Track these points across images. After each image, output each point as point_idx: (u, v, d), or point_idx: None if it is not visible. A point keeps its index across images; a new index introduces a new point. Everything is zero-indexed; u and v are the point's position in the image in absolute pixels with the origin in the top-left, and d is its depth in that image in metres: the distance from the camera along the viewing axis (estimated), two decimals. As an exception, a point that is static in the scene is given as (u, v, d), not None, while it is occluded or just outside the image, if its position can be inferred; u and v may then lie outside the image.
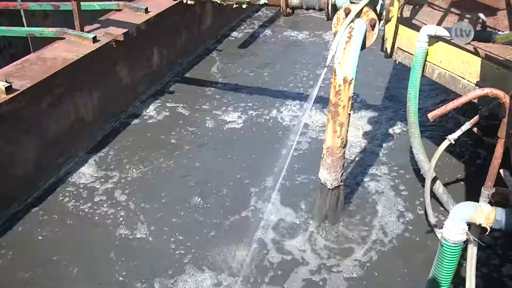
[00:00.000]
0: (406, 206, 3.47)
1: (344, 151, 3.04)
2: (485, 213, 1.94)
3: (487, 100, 2.53)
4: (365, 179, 3.74)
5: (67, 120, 3.81)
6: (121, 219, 3.34)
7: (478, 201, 2.07)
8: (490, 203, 2.04)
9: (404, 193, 3.59)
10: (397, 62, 3.55)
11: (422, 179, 3.42)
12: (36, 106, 3.47)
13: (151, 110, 4.60)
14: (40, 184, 3.59)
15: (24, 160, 3.44)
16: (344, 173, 3.17)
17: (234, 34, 6.44)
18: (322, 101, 4.31)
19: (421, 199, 3.43)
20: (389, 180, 3.72)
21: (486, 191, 2.04)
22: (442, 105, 2.07)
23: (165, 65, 5.12)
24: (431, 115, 2.02)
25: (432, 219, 3.16)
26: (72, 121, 3.85)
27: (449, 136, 2.85)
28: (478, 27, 3.06)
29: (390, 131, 4.31)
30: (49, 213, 3.38)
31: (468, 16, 3.77)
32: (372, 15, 2.90)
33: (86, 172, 3.77)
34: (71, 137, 3.84)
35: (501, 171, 2.16)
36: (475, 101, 2.60)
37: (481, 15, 2.99)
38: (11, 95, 3.23)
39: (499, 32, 2.83)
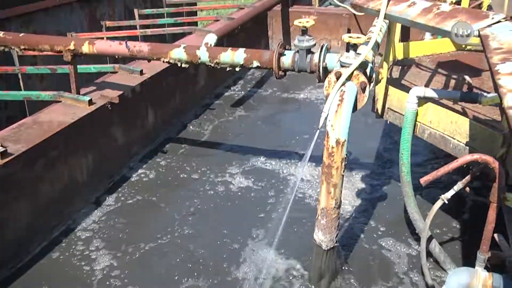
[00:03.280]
0: (402, 266, 3.43)
1: (339, 212, 3.04)
2: (482, 280, 1.94)
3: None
4: (360, 239, 3.72)
5: (61, 182, 3.81)
6: (114, 284, 3.28)
7: (473, 258, 2.06)
8: (487, 267, 2.04)
9: (400, 253, 3.56)
10: (388, 122, 3.62)
11: (417, 238, 3.41)
12: (30, 170, 3.48)
13: (145, 171, 4.61)
14: (32, 249, 3.54)
15: (16, 225, 3.41)
16: (339, 234, 3.16)
17: (228, 93, 6.57)
18: (317, 161, 4.35)
19: (417, 258, 3.40)
20: (385, 240, 3.69)
21: (482, 255, 2.04)
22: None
23: (159, 125, 5.18)
24: (423, 180, 2.05)
25: (429, 280, 3.13)
26: (66, 183, 3.85)
27: (443, 196, 2.87)
28: (465, 88, 3.16)
29: (384, 190, 4.32)
30: (40, 278, 3.31)
31: (454, 76, 3.90)
32: (363, 78, 2.98)
33: (79, 236, 3.73)
34: (64, 200, 3.83)
35: (495, 235, 2.17)
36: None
37: (467, 77, 3.08)
38: (6, 160, 3.24)
39: (485, 94, 2.91)
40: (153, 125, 5.07)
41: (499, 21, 2.38)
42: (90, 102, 4.10)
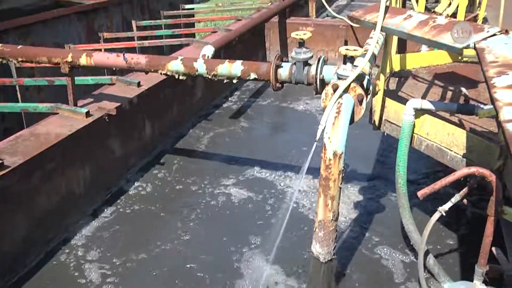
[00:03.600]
0: (400, 278, 3.42)
1: (336, 224, 3.03)
2: (480, 293, 1.94)
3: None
4: (357, 251, 3.71)
5: (58, 194, 3.79)
6: (110, 297, 3.26)
7: (471, 271, 2.06)
8: (485, 280, 2.04)
9: (397, 264, 3.56)
10: (385, 134, 3.63)
11: (413, 248, 3.40)
12: (27, 182, 3.47)
13: (142, 182, 4.60)
14: (28, 262, 3.52)
15: (13, 237, 3.39)
16: (336, 246, 3.15)
17: (226, 104, 6.58)
18: (314, 173, 4.35)
19: (414, 269, 3.39)
20: (382, 251, 3.69)
21: (480, 269, 2.03)
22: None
23: (157, 137, 5.18)
24: (420, 194, 2.06)
25: (428, 292, 3.12)
26: (63, 195, 3.84)
27: (440, 208, 2.86)
28: (461, 100, 3.17)
29: (381, 201, 4.32)
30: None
31: (451, 88, 3.92)
32: (360, 90, 2.98)
33: (76, 248, 3.71)
34: (61, 212, 3.81)
35: (493, 249, 2.17)
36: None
37: (463, 89, 3.10)
38: (2, 172, 3.23)
39: (482, 106, 2.92)
40: (151, 136, 5.07)
41: (494, 34, 2.39)
42: (88, 114, 4.10)
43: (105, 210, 4.18)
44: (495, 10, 5.08)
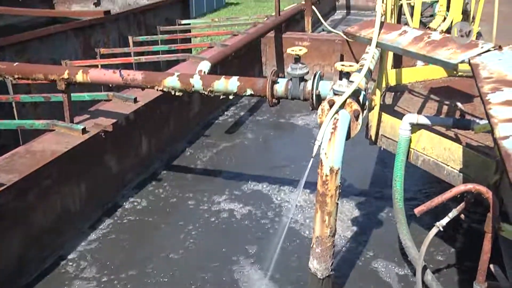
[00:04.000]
0: (399, 294, 3.41)
1: (334, 240, 3.02)
2: (479, 310, 1.93)
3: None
4: (355, 267, 3.68)
5: (54, 212, 3.77)
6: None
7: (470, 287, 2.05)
8: (483, 297, 2.02)
9: (395, 280, 3.53)
10: (381, 149, 3.63)
11: (411, 264, 3.39)
12: (23, 200, 3.45)
13: (138, 199, 4.58)
14: (24, 279, 3.48)
15: (8, 255, 3.36)
16: (334, 262, 3.14)
17: (222, 119, 6.59)
18: (311, 188, 4.34)
19: (413, 286, 3.37)
20: (380, 267, 3.67)
21: (478, 286, 2.02)
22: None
23: (153, 153, 5.17)
24: (417, 211, 2.05)
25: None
26: (58, 212, 3.82)
27: (438, 223, 2.86)
28: (457, 115, 3.18)
29: (378, 216, 4.31)
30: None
31: (446, 102, 3.93)
32: (356, 106, 2.99)
33: (71, 265, 3.68)
34: (57, 229, 3.79)
35: (491, 266, 2.16)
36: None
37: (459, 104, 3.11)
38: (-2, 190, 3.22)
39: (477, 121, 2.93)
40: (147, 152, 5.06)
41: (488, 50, 2.41)
42: (84, 131, 4.09)
43: (101, 226, 4.15)
44: (489, 25, 5.12)
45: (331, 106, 2.96)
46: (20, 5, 8.67)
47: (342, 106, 2.96)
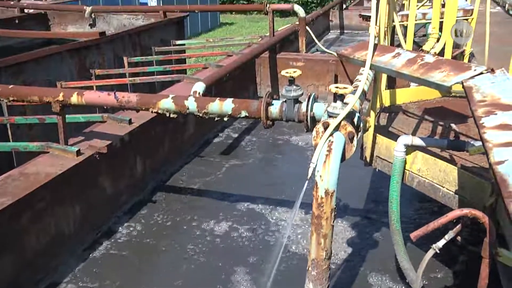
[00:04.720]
0: (396, 317, 3.38)
1: (329, 263, 3.00)
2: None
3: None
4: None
5: (47, 235, 3.74)
6: None
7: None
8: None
9: (393, 302, 3.52)
10: (377, 170, 3.63)
11: (409, 286, 3.36)
12: (16, 223, 3.42)
13: (133, 221, 4.54)
14: (16, 305, 3.44)
15: (0, 279, 3.31)
16: (330, 284, 3.11)
17: (217, 140, 6.58)
18: (306, 208, 4.32)
19: (411, 309, 3.34)
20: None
21: (476, 311, 2.01)
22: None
23: (148, 174, 5.15)
24: (413, 236, 2.04)
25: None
26: (52, 236, 3.78)
27: (434, 245, 2.85)
28: (452, 136, 3.19)
29: (374, 237, 4.29)
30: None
31: (441, 123, 3.95)
32: (350, 128, 2.99)
33: (65, 290, 3.64)
34: (50, 252, 3.75)
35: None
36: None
37: (453, 125, 3.13)
38: (-9, 214, 3.20)
39: (472, 142, 2.94)
40: (142, 174, 5.04)
41: (481, 73, 2.43)
42: (78, 153, 4.08)
43: (95, 249, 4.11)
44: (481, 45, 5.18)
45: (325, 128, 2.96)
46: (17, 26, 8.72)
47: (337, 128, 2.96)
